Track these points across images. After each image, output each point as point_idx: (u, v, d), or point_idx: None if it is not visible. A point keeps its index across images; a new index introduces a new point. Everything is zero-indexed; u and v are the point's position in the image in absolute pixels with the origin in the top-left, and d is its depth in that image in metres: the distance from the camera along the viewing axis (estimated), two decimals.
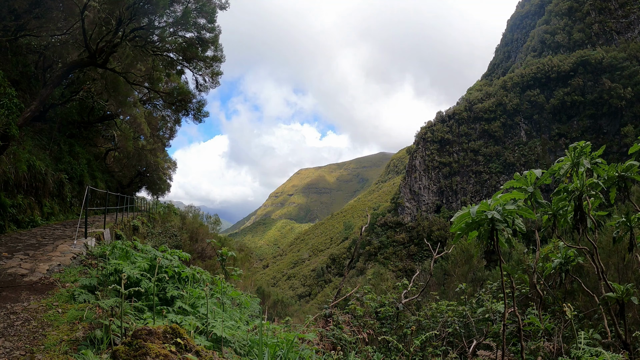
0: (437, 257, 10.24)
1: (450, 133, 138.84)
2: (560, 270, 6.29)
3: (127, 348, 2.86)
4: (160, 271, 4.80)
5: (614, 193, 5.46)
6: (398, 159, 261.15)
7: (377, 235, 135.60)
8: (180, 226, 23.68)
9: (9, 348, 3.36)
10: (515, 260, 11.52)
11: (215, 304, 5.07)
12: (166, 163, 35.14)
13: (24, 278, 5.63)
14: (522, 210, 4.37)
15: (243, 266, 25.21)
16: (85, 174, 18.01)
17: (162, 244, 14.12)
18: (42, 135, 16.02)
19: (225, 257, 7.86)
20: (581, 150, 5.16)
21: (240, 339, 4.11)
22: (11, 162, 10.53)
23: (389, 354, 7.22)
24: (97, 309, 4.02)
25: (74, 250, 7.56)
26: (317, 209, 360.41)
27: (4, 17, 13.76)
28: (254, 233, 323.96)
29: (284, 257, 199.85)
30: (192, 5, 15.50)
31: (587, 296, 7.79)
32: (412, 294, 9.70)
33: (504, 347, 4.76)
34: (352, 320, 7.99)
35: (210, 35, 16.94)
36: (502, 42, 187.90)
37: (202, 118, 21.05)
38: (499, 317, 7.43)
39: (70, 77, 19.32)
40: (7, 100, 9.20)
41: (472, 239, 4.69)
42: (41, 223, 11.81)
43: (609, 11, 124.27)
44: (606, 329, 5.74)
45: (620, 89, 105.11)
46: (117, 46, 14.53)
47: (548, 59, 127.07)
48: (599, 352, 4.05)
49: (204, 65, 18.29)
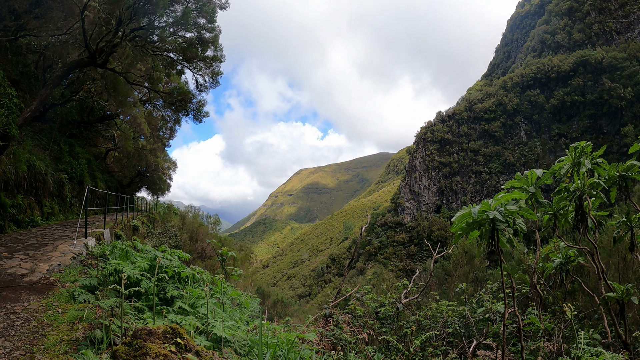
0: (437, 257, 10.23)
1: (450, 133, 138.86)
2: (560, 270, 6.28)
3: (127, 348, 2.86)
4: (160, 271, 4.79)
5: (614, 193, 5.46)
6: (398, 159, 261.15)
7: (377, 235, 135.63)
8: (180, 226, 23.69)
9: (9, 348, 3.35)
10: (516, 260, 11.52)
11: (215, 304, 5.07)
12: (166, 163, 35.15)
13: (24, 278, 5.63)
14: (523, 210, 4.36)
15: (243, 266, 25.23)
16: (85, 174, 18.00)
17: (162, 244, 14.13)
18: (42, 135, 16.01)
19: (225, 257, 7.85)
20: (582, 150, 5.15)
21: (240, 339, 4.11)
22: (11, 162, 10.52)
23: (389, 354, 7.21)
24: (97, 309, 4.01)
25: (74, 250, 7.56)
26: (317, 209, 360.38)
27: (4, 17, 13.76)
28: (254, 233, 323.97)
29: (284, 257, 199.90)
30: (192, 5, 15.50)
31: (588, 296, 7.79)
32: (412, 294, 9.69)
33: (504, 347, 4.76)
34: (352, 320, 7.99)
35: (210, 35, 16.94)
36: (502, 42, 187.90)
37: (202, 118, 21.04)
38: (499, 317, 7.43)
39: (70, 77, 19.31)
40: (7, 100, 9.19)
41: (472, 238, 4.68)
42: (41, 223, 11.80)
43: (609, 11, 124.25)
44: (606, 329, 5.73)
45: (620, 89, 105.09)
46: (117, 46, 14.52)
47: (548, 59, 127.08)
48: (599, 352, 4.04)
49: (204, 65, 18.29)
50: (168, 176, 35.34)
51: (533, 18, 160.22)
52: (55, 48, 16.77)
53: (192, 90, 20.46)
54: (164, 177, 34.42)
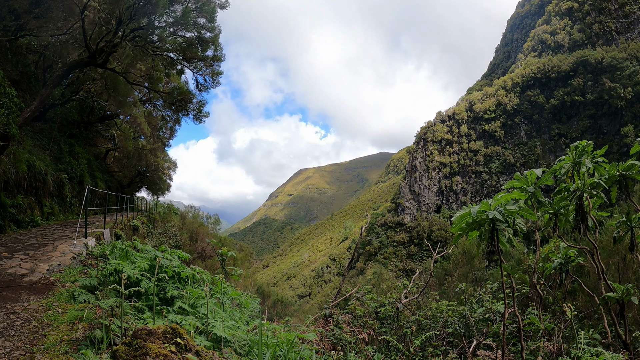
0: (437, 257, 10.23)
1: (450, 133, 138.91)
2: (560, 270, 6.28)
3: (127, 348, 2.85)
4: (160, 271, 4.79)
5: (615, 192, 5.46)
6: (398, 159, 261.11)
7: (377, 235, 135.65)
8: (180, 226, 23.70)
9: (9, 348, 3.35)
10: (516, 260, 11.52)
11: (215, 304, 5.07)
12: (166, 163, 35.15)
13: (24, 278, 5.63)
14: (523, 210, 4.36)
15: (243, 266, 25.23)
16: (85, 174, 18.00)
17: (162, 244, 14.13)
18: (42, 135, 16.02)
19: (225, 257, 7.85)
20: (582, 150, 5.15)
21: (240, 339, 4.11)
22: (11, 162, 10.52)
23: (389, 354, 7.21)
24: (97, 309, 4.01)
25: (74, 250, 7.56)
26: (317, 209, 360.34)
27: (4, 17, 13.76)
28: (254, 233, 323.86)
29: (284, 257, 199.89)
30: (192, 5, 15.50)
31: (587, 296, 7.79)
32: (412, 294, 9.69)
33: (504, 347, 4.76)
34: (352, 320, 7.98)
35: (210, 35, 16.95)
36: (502, 42, 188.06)
37: (202, 118, 21.03)
38: (499, 317, 7.43)
39: (70, 77, 19.31)
40: (7, 100, 9.19)
41: (472, 238, 4.68)
42: (41, 223, 11.80)
43: (609, 11, 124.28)
44: (606, 329, 5.73)
45: (620, 89, 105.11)
46: (117, 46, 14.52)
47: (548, 59, 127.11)
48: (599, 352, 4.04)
49: (204, 65, 18.30)
50: (168, 176, 35.35)
51: (533, 18, 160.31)
52: (55, 48, 16.77)
53: (192, 90, 20.49)
54: (164, 177, 34.43)
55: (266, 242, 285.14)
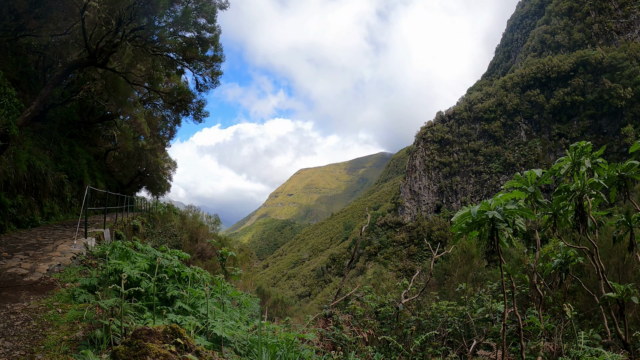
0: (437, 257, 10.23)
1: (450, 133, 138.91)
2: (560, 270, 6.29)
3: (127, 348, 2.86)
4: (160, 271, 4.79)
5: (614, 192, 5.46)
6: (398, 159, 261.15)
7: (377, 235, 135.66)
8: (180, 226, 23.68)
9: (9, 348, 3.36)
10: (516, 260, 11.52)
11: (215, 304, 5.07)
12: (166, 163, 35.16)
13: (24, 278, 5.63)
14: (523, 210, 4.37)
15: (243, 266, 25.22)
16: (85, 174, 18.00)
17: (162, 243, 14.12)
18: (42, 135, 16.01)
19: (225, 257, 7.85)
20: (582, 150, 5.16)
21: (240, 339, 4.11)
22: (11, 162, 10.52)
23: (389, 354, 7.21)
24: (97, 309, 4.01)
25: (74, 250, 7.56)
26: (317, 209, 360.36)
27: (4, 17, 13.76)
28: (254, 233, 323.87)
29: (284, 257, 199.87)
30: (192, 5, 15.51)
31: (587, 296, 7.79)
32: (412, 294, 9.69)
33: (504, 347, 4.76)
34: (352, 320, 7.99)
35: (210, 35, 16.95)
36: (502, 42, 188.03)
37: (202, 118, 21.05)
38: (499, 317, 7.43)
39: (70, 77, 19.30)
40: (7, 100, 9.19)
41: (472, 238, 4.69)
42: (41, 223, 11.80)
43: (609, 11, 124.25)
44: (606, 329, 5.73)
45: (620, 89, 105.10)
46: (117, 46, 14.52)
47: (548, 59, 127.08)
48: (599, 352, 4.05)
49: (204, 65, 18.31)
50: (168, 176, 35.37)
51: (533, 18, 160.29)
52: (55, 48, 16.77)
53: (192, 90, 20.50)
54: (164, 177, 34.45)
55: (266, 242, 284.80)
